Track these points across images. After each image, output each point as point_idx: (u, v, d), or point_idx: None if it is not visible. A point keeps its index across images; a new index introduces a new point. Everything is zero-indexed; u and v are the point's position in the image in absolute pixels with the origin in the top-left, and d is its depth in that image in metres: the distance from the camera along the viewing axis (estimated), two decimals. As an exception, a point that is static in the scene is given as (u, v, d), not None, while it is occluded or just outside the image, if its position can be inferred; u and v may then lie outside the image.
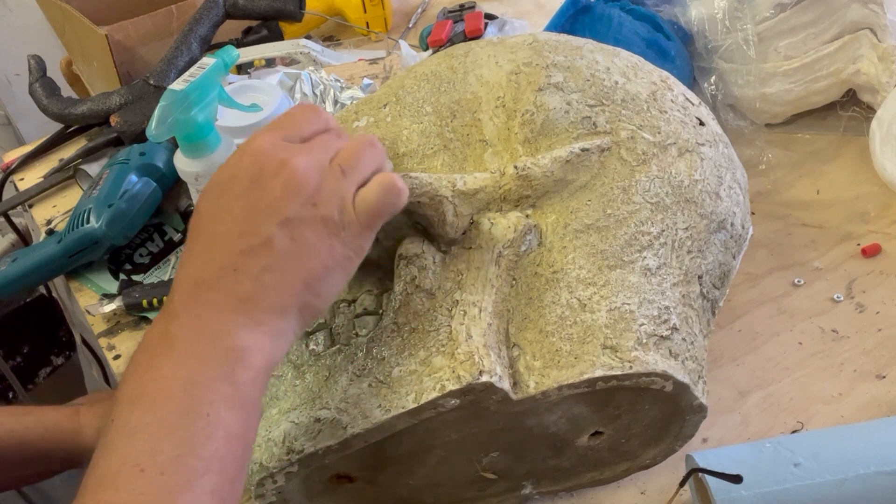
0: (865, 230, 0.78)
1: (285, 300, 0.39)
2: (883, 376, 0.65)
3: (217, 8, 1.00)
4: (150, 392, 0.37)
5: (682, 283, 0.51)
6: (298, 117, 0.42)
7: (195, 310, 0.38)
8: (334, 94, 0.86)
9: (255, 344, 0.38)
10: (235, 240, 0.39)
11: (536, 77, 0.54)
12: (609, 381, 0.46)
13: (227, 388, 0.37)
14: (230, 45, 0.65)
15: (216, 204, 0.40)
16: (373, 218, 0.42)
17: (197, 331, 0.38)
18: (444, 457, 0.52)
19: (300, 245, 0.39)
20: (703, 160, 0.54)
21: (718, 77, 0.85)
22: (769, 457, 0.52)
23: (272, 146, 0.40)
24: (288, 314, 0.40)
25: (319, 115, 0.43)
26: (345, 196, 0.41)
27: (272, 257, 0.39)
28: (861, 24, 0.81)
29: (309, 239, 0.39)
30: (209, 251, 0.39)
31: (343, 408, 0.46)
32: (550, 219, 0.51)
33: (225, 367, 0.38)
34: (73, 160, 0.96)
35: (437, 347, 0.46)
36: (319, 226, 0.40)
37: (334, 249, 0.40)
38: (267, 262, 0.39)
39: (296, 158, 0.40)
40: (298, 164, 0.39)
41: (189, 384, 0.37)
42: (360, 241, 0.41)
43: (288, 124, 0.42)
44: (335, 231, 0.40)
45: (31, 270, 0.80)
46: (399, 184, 0.42)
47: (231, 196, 0.40)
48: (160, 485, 0.34)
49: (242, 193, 0.40)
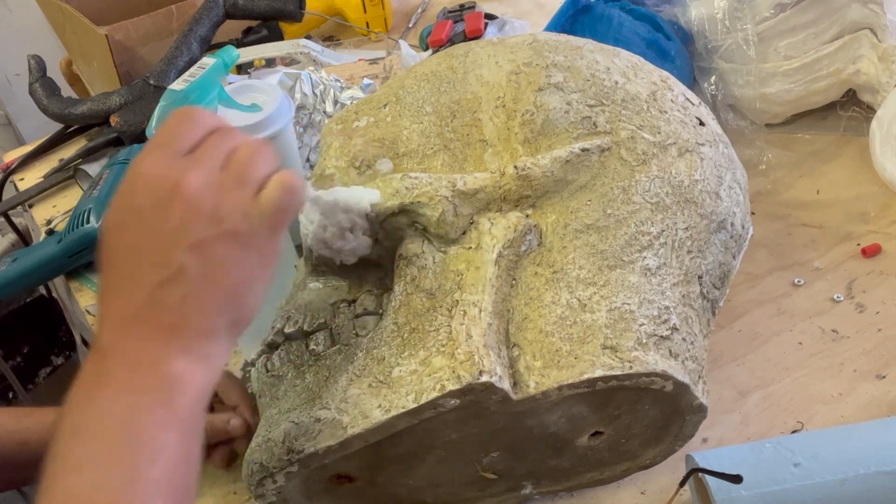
0: (865, 230, 0.78)
1: (211, 322, 0.39)
2: (883, 376, 0.65)
3: (217, 8, 1.00)
4: (91, 425, 0.37)
5: (682, 283, 0.51)
6: (177, 127, 0.41)
7: (124, 346, 0.38)
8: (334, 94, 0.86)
9: (188, 369, 0.38)
10: (149, 273, 0.38)
11: (536, 77, 0.54)
12: (609, 381, 0.46)
13: (166, 415, 0.37)
14: (230, 45, 0.65)
15: (121, 238, 0.40)
16: (278, 219, 0.41)
17: (130, 365, 0.38)
18: (444, 457, 0.52)
19: (213, 265, 0.39)
20: (703, 160, 0.54)
21: (718, 77, 0.85)
22: (769, 457, 0.52)
23: (160, 168, 0.39)
24: (216, 335, 0.40)
25: (196, 119, 0.41)
26: (246, 204, 0.40)
27: (189, 284, 0.38)
28: (861, 24, 0.81)
29: (221, 256, 0.39)
30: (126, 287, 0.39)
31: (343, 408, 0.46)
32: (550, 219, 0.51)
33: (162, 394, 0.38)
34: (73, 160, 0.96)
35: (437, 347, 0.46)
36: (228, 240, 0.39)
37: (248, 259, 0.40)
38: (185, 289, 0.38)
39: (188, 177, 0.39)
40: (192, 184, 0.38)
41: (128, 413, 0.37)
42: (271, 244, 0.41)
43: (169, 138, 0.40)
44: (245, 241, 0.40)
45: (31, 270, 0.80)
46: (296, 181, 0.42)
47: (134, 229, 0.39)
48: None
49: (144, 225, 0.39)
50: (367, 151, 0.54)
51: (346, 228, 0.51)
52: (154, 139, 0.41)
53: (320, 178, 0.54)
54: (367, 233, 0.51)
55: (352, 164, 0.54)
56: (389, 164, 0.54)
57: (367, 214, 0.50)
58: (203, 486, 0.62)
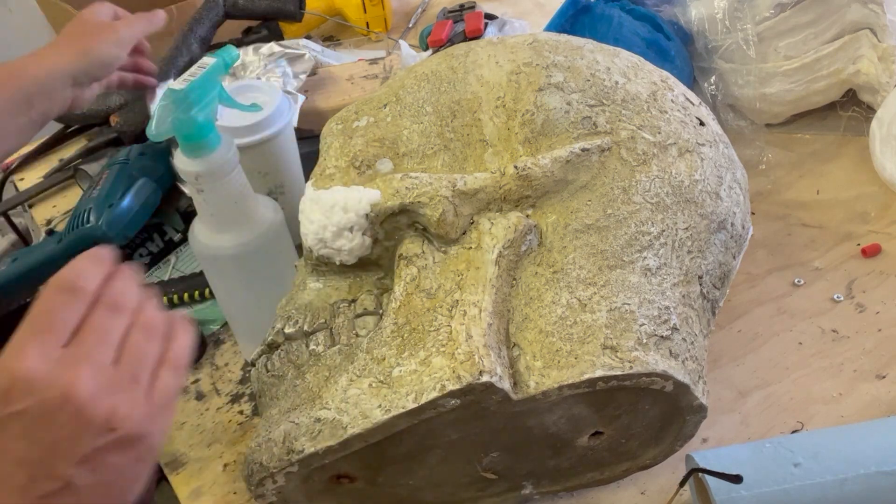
0: (865, 230, 0.78)
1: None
2: (883, 376, 0.65)
3: (217, 8, 1.00)
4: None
5: (683, 284, 0.51)
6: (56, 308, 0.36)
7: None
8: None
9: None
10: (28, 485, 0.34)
11: (536, 77, 0.54)
12: (609, 382, 0.46)
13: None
14: (230, 45, 0.65)
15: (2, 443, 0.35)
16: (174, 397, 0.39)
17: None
18: (444, 457, 0.52)
19: (105, 474, 0.36)
20: (703, 160, 0.54)
21: (718, 77, 0.85)
22: (769, 457, 0.52)
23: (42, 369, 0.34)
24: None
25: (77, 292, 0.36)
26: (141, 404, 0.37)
27: (77, 497, 0.35)
28: (861, 24, 0.81)
29: (112, 465, 0.36)
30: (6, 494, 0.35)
31: (343, 408, 0.46)
32: (551, 219, 0.51)
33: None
34: (73, 160, 0.96)
35: (437, 347, 0.46)
36: (121, 448, 0.36)
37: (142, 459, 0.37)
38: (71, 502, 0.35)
39: (77, 383, 0.34)
40: (83, 391, 0.34)
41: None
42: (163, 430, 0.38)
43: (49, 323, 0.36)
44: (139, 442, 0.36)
45: (31, 270, 0.80)
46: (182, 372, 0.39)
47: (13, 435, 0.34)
48: None
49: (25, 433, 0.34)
50: (367, 151, 0.54)
51: (346, 228, 0.51)
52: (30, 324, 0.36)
53: (320, 178, 0.54)
54: (367, 233, 0.51)
55: (352, 164, 0.54)
56: (389, 164, 0.54)
57: (367, 214, 0.50)
58: (203, 486, 0.62)
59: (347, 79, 0.93)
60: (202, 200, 0.70)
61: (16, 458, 0.34)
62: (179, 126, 0.64)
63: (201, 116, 0.64)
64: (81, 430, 0.35)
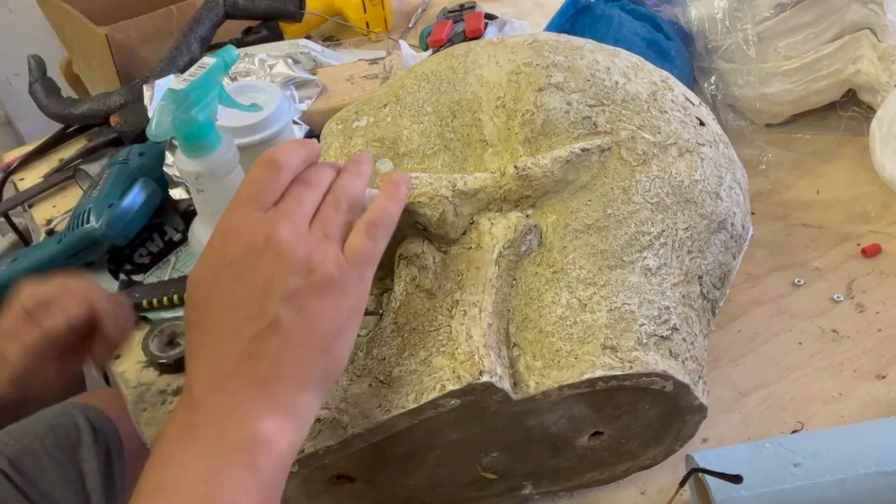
0: (865, 230, 0.78)
1: (305, 375, 0.39)
2: (883, 376, 0.65)
3: (217, 8, 1.00)
4: (171, 483, 0.36)
5: (683, 284, 0.51)
6: (263, 179, 0.42)
7: (215, 400, 0.38)
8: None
9: (277, 428, 0.38)
10: (244, 326, 0.38)
11: (536, 77, 0.54)
12: (609, 382, 0.46)
13: (248, 476, 0.37)
14: (230, 45, 0.65)
15: (211, 292, 0.40)
16: (366, 264, 0.42)
17: (218, 420, 0.38)
18: (444, 457, 0.52)
19: (308, 315, 0.39)
20: (703, 160, 0.54)
21: (718, 77, 0.85)
22: (769, 457, 0.52)
23: (251, 223, 0.40)
24: (309, 388, 0.40)
25: (281, 169, 0.42)
26: (336, 253, 0.41)
27: (284, 336, 0.38)
28: (861, 24, 0.81)
29: (315, 306, 0.39)
30: (219, 341, 0.39)
31: (343, 408, 0.46)
32: (551, 219, 0.51)
33: (246, 454, 0.37)
34: (73, 160, 0.96)
35: (437, 347, 0.46)
36: (321, 289, 0.39)
37: (340, 307, 0.40)
38: (280, 341, 0.38)
39: (278, 230, 0.39)
40: (283, 237, 0.39)
41: (210, 473, 0.36)
42: (360, 289, 0.41)
43: (255, 191, 0.41)
44: (337, 289, 0.40)
45: (31, 270, 0.80)
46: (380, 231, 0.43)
47: (225, 283, 0.39)
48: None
49: (237, 278, 0.39)
50: (367, 151, 0.54)
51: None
52: (239, 194, 0.42)
53: (320, 178, 0.54)
54: (367, 233, 0.51)
55: (352, 164, 0.54)
56: (389, 164, 0.54)
57: (368, 214, 0.50)
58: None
59: (347, 79, 0.93)
60: (202, 200, 0.70)
61: (230, 302, 0.39)
62: (179, 126, 0.64)
63: (201, 116, 0.64)
64: (284, 270, 0.39)
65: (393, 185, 0.45)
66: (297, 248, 0.39)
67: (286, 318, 0.38)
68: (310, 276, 0.39)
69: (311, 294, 0.39)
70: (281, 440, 0.38)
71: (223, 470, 0.36)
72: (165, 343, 0.75)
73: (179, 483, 0.36)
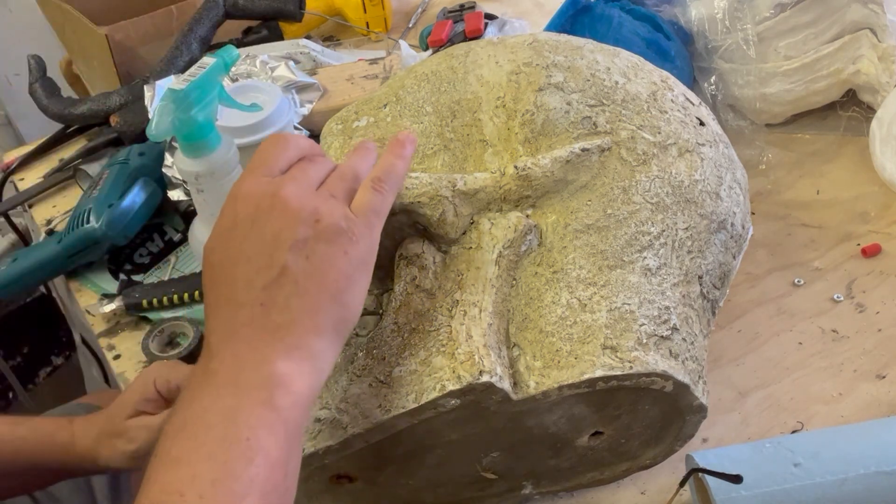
0: (865, 230, 0.78)
1: (317, 320, 0.40)
2: (883, 376, 0.65)
3: (217, 8, 1.00)
4: (191, 422, 0.37)
5: (683, 284, 0.51)
6: (271, 151, 0.43)
7: (231, 347, 0.39)
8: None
9: (295, 370, 0.39)
10: (255, 277, 0.40)
11: (537, 77, 0.54)
12: (609, 382, 0.46)
13: (267, 414, 0.37)
14: (230, 45, 0.65)
15: (225, 252, 0.41)
16: (374, 214, 0.43)
17: (235, 364, 0.39)
18: (444, 457, 0.52)
19: (316, 262, 0.40)
20: (703, 160, 0.54)
21: (718, 77, 0.85)
22: (769, 457, 0.52)
23: (259, 185, 0.41)
24: (322, 334, 0.40)
25: (288, 144, 0.44)
26: (343, 207, 0.42)
27: (294, 282, 0.39)
28: (861, 24, 0.81)
29: (323, 253, 0.40)
30: (232, 295, 0.40)
31: (343, 408, 0.46)
32: (550, 219, 0.51)
33: (264, 393, 0.38)
34: (73, 160, 0.96)
35: (437, 347, 0.46)
36: (329, 237, 0.40)
37: (349, 255, 0.41)
38: (290, 288, 0.39)
39: (285, 189, 0.41)
40: (289, 193, 0.41)
41: (228, 412, 0.37)
42: (369, 239, 0.42)
43: (264, 162, 0.43)
44: (345, 237, 0.41)
45: (31, 270, 0.80)
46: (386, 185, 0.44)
47: (237, 241, 0.41)
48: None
49: (247, 235, 0.40)
50: (367, 151, 0.54)
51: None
52: (250, 164, 0.43)
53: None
54: (367, 233, 0.51)
55: (352, 164, 0.54)
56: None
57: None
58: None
59: (347, 79, 0.93)
60: (202, 200, 0.70)
61: (242, 258, 0.40)
62: (179, 126, 0.64)
63: (201, 116, 0.64)
64: (291, 221, 0.40)
65: (398, 144, 0.46)
66: (303, 202, 0.41)
67: (295, 266, 0.39)
68: (317, 226, 0.40)
69: (318, 242, 0.40)
70: (298, 381, 0.39)
71: (242, 408, 0.37)
72: (165, 343, 0.75)
73: (200, 421, 0.37)
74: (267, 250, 0.40)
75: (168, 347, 0.74)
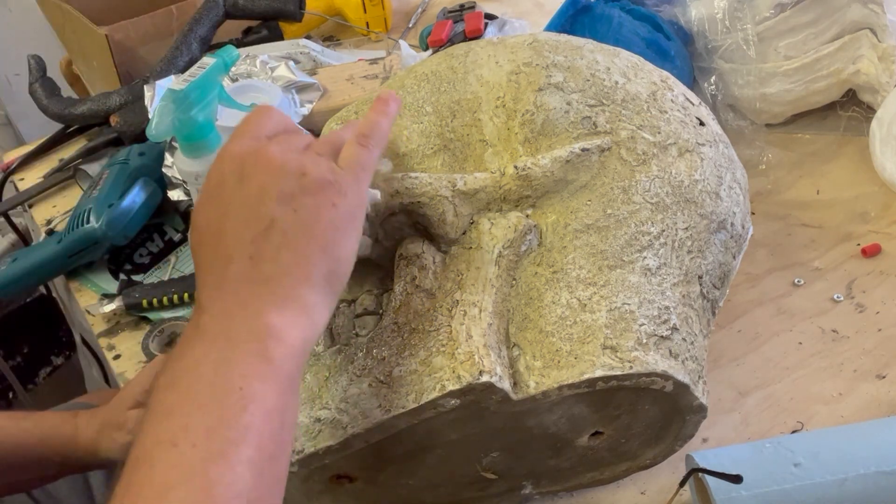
0: (865, 230, 0.78)
1: (308, 271, 0.40)
2: (883, 376, 0.65)
3: (217, 8, 1.00)
4: (183, 375, 0.37)
5: (683, 283, 0.51)
6: (257, 118, 0.44)
7: (222, 302, 0.39)
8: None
9: (287, 321, 0.39)
10: (243, 231, 0.39)
11: (536, 77, 0.54)
12: (609, 381, 0.46)
13: (259, 364, 0.37)
14: (230, 45, 0.65)
15: (212, 210, 0.41)
16: (360, 168, 0.43)
17: (226, 318, 0.38)
18: (444, 457, 0.52)
19: (304, 213, 0.40)
20: (703, 160, 0.54)
21: (718, 77, 0.85)
22: (769, 457, 0.52)
23: (245, 146, 0.42)
24: (314, 286, 0.40)
25: (273, 115, 0.44)
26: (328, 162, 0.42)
27: (282, 234, 0.39)
28: (861, 24, 0.81)
29: (310, 204, 0.40)
30: (221, 251, 0.40)
31: (343, 408, 0.46)
32: (550, 219, 0.51)
33: (256, 344, 0.38)
34: (73, 160, 0.96)
35: (437, 347, 0.46)
36: (316, 189, 0.40)
37: (337, 207, 0.41)
38: (278, 240, 0.39)
39: (270, 148, 0.41)
40: (274, 150, 0.41)
41: (220, 363, 0.37)
42: (357, 192, 0.42)
43: (250, 127, 0.43)
44: (332, 189, 0.41)
45: (31, 270, 0.80)
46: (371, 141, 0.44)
47: (224, 198, 0.41)
48: (193, 456, 0.34)
49: (233, 192, 0.40)
50: (367, 151, 0.54)
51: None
52: (235, 131, 0.43)
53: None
54: (367, 233, 0.51)
55: (352, 164, 0.54)
56: (389, 164, 0.54)
57: (367, 214, 0.50)
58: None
59: (347, 79, 0.93)
60: (202, 200, 0.69)
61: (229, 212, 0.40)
62: (179, 126, 0.64)
63: (201, 116, 0.64)
64: (277, 174, 0.40)
65: (382, 101, 0.46)
66: (288, 157, 0.41)
67: (282, 218, 0.39)
68: (303, 179, 0.40)
69: (304, 194, 0.40)
70: (291, 333, 0.39)
71: (234, 358, 0.37)
72: (165, 343, 0.75)
73: (192, 373, 0.37)
74: (253, 205, 0.40)
75: (168, 347, 0.74)
